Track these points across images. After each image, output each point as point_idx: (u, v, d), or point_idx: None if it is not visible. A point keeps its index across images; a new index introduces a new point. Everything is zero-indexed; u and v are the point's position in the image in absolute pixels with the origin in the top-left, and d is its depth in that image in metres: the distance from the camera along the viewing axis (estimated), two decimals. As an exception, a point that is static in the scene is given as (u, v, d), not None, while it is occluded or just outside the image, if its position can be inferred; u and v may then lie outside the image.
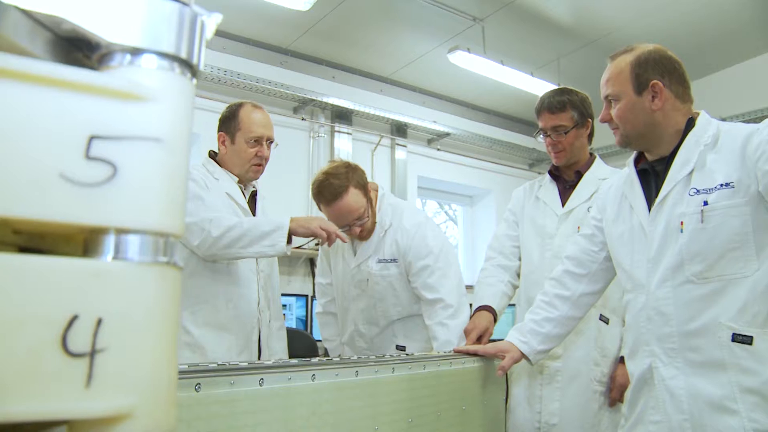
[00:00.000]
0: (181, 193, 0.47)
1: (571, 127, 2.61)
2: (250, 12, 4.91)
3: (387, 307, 2.74)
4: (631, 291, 1.96)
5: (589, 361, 2.57)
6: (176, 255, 0.49)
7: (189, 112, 0.49)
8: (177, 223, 0.48)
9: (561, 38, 5.39)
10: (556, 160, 2.68)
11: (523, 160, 7.27)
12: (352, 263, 2.78)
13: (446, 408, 1.86)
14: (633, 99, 1.89)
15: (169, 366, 0.46)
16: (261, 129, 2.65)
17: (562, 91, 2.69)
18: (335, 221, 2.59)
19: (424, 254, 2.67)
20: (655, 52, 1.91)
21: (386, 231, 2.74)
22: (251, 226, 2.34)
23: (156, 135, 0.45)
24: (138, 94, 0.46)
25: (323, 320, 3.06)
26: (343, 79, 5.95)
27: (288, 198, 5.47)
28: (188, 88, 0.49)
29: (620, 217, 2.04)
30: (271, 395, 1.29)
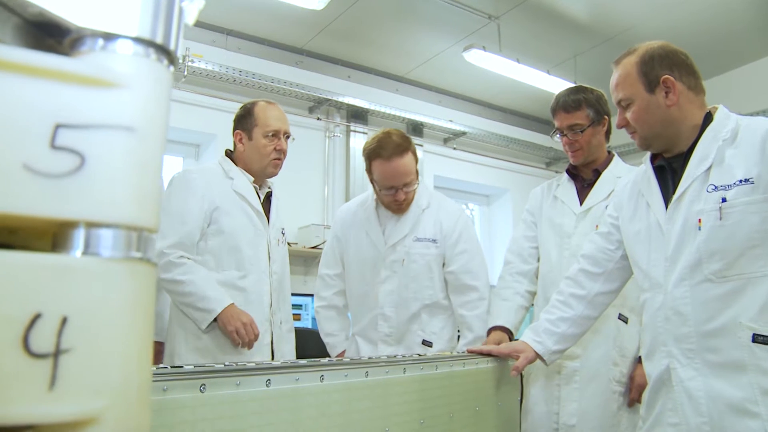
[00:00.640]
0: (155, 185, 0.45)
1: (587, 126, 2.58)
2: (265, 12, 4.92)
3: (420, 288, 2.69)
4: (648, 290, 1.92)
5: (607, 361, 2.53)
6: (151, 250, 0.46)
7: (165, 100, 0.47)
8: (151, 216, 0.45)
9: (577, 36, 5.34)
10: (573, 159, 2.65)
11: (540, 158, 7.21)
12: (383, 243, 2.73)
13: (459, 409, 1.83)
14: (646, 98, 1.85)
15: (142, 368, 0.44)
16: (278, 123, 2.67)
17: (577, 89, 2.65)
18: (387, 180, 2.60)
19: (466, 238, 2.73)
20: (660, 48, 1.87)
21: (423, 211, 2.74)
22: (193, 291, 2.42)
23: (127, 123, 0.43)
24: (108, 80, 0.43)
25: (326, 314, 2.90)
26: (358, 79, 5.94)
27: (303, 197, 5.47)
28: (164, 75, 0.47)
29: (637, 215, 1.99)
30: (279, 396, 1.27)
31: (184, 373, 1.12)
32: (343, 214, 2.97)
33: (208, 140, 5.16)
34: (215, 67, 4.94)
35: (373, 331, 2.73)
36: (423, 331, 2.70)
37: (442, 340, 2.72)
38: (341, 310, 2.90)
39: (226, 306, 2.42)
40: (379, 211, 2.80)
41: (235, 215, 2.58)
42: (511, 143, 6.74)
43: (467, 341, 2.64)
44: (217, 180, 2.62)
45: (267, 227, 2.67)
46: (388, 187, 2.62)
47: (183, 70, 4.76)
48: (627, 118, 1.90)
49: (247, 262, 2.56)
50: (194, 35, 5.01)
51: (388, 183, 2.61)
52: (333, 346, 2.85)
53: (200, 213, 2.52)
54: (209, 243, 2.53)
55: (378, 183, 2.65)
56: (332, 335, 2.86)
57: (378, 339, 2.72)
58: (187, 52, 4.76)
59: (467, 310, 2.68)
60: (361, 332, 2.78)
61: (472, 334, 2.64)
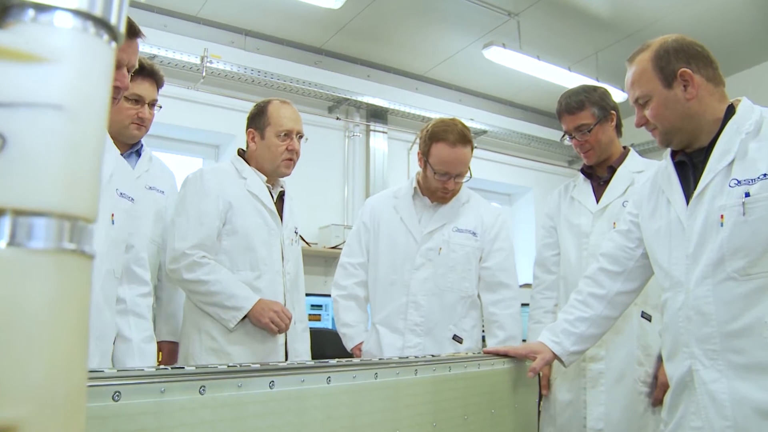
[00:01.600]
0: (92, 170, 0.41)
1: (593, 125, 2.56)
2: (283, 12, 4.91)
3: (458, 279, 2.65)
4: (669, 289, 1.86)
5: (632, 361, 2.48)
6: (87, 242, 0.42)
7: (104, 77, 0.43)
8: (86, 204, 0.41)
9: (598, 32, 5.26)
10: (587, 160, 2.63)
11: (562, 157, 7.12)
12: (420, 231, 2.69)
13: (474, 411, 1.78)
14: (664, 94, 1.80)
15: (72, 373, 0.40)
16: (290, 123, 2.65)
17: (579, 90, 2.66)
18: (445, 165, 2.59)
19: (504, 237, 2.75)
20: (674, 41, 1.82)
21: (463, 204, 2.74)
22: (220, 290, 2.42)
23: (56, 102, 0.39)
24: (38, 54, 0.39)
25: (346, 304, 2.79)
26: (377, 78, 5.92)
27: (323, 197, 5.46)
28: (104, 51, 0.43)
29: (657, 211, 1.94)
30: (283, 398, 1.23)
31: (183, 374, 1.09)
32: (374, 201, 2.95)
33: (228, 141, 5.16)
34: (234, 68, 4.94)
35: (400, 320, 2.65)
36: (455, 326, 2.65)
37: (471, 339, 2.68)
38: (361, 301, 2.82)
39: (255, 302, 2.43)
40: (416, 200, 2.78)
41: (248, 215, 2.57)
42: (532, 141, 6.67)
43: (499, 340, 2.60)
44: (231, 180, 2.61)
45: (280, 227, 2.65)
46: (443, 173, 2.61)
47: (202, 72, 4.76)
48: (646, 115, 1.85)
49: (261, 263, 2.55)
50: (213, 36, 5.02)
51: (445, 168, 2.60)
52: (350, 337, 2.75)
53: (216, 213, 2.52)
54: (224, 243, 2.53)
55: (434, 166, 2.62)
56: (349, 326, 2.77)
57: (406, 328, 2.64)
58: (206, 53, 4.76)
59: (500, 308, 2.65)
60: (385, 321, 2.69)
61: (505, 333, 2.61)
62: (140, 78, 2.59)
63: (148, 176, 2.71)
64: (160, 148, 4.89)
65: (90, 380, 0.97)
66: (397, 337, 2.64)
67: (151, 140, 4.63)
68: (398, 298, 2.67)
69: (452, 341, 2.64)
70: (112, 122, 2.57)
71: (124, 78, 1.66)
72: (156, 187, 2.73)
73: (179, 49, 4.70)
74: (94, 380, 0.97)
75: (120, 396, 0.98)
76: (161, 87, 2.71)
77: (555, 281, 2.73)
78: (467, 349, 2.63)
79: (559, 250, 2.73)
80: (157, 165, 2.82)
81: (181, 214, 2.53)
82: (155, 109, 2.68)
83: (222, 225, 2.53)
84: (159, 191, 2.74)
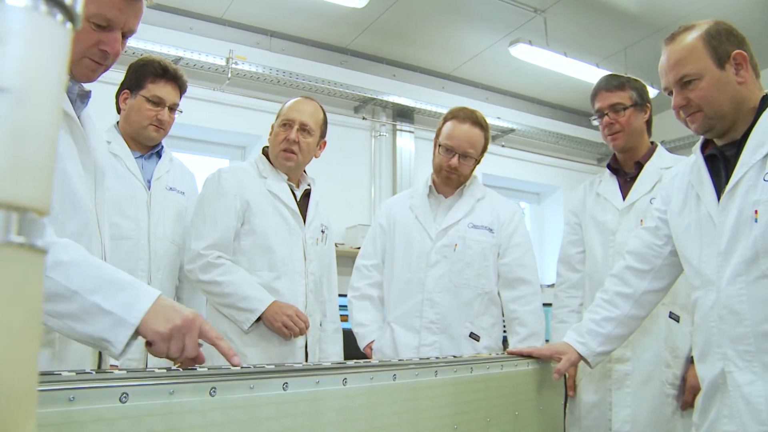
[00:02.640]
0: (42, 158, 0.37)
1: (629, 105, 2.50)
2: (308, 12, 4.92)
3: (474, 276, 2.62)
4: (699, 288, 1.80)
5: (659, 363, 2.42)
6: (38, 236, 0.39)
7: (56, 59, 0.39)
8: (37, 194, 0.38)
9: (627, 27, 5.17)
10: (613, 142, 2.56)
11: (591, 155, 7.03)
12: (435, 228, 2.67)
13: (497, 414, 1.74)
14: (717, 74, 1.71)
15: (16, 376, 0.36)
16: (293, 112, 2.59)
17: (620, 74, 2.63)
18: (450, 139, 2.62)
19: (522, 233, 2.73)
20: (723, 23, 1.76)
21: (478, 200, 2.72)
22: (234, 292, 2.39)
23: (0, 84, 0.36)
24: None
25: (359, 305, 2.80)
26: (403, 77, 5.89)
27: (350, 198, 5.45)
28: (57, 31, 0.39)
29: (686, 207, 1.87)
30: (297, 400, 1.20)
31: (194, 376, 1.07)
32: (390, 202, 2.97)
33: (254, 142, 5.17)
34: (259, 69, 4.95)
35: (415, 318, 2.63)
36: (471, 323, 2.61)
37: (491, 337, 2.64)
38: (375, 301, 2.81)
39: (269, 304, 2.39)
40: (431, 198, 2.77)
41: (267, 215, 2.53)
42: (560, 140, 6.59)
43: (520, 338, 2.56)
44: (250, 179, 2.58)
45: (303, 227, 2.60)
46: (448, 148, 2.62)
47: (227, 73, 4.78)
48: (689, 97, 1.75)
49: (280, 263, 2.51)
50: (238, 37, 5.03)
51: (450, 142, 2.62)
52: (363, 336, 2.75)
53: (233, 213, 2.49)
54: (242, 243, 2.50)
55: (441, 141, 2.66)
56: (363, 325, 2.77)
57: (421, 326, 2.61)
58: (231, 55, 4.78)
59: (520, 305, 2.61)
60: (400, 319, 2.66)
61: (526, 330, 2.56)
62: (162, 81, 2.59)
63: (168, 177, 2.71)
64: (187, 150, 4.92)
65: (96, 381, 0.95)
66: (413, 336, 2.61)
67: (177, 142, 4.68)
68: (414, 296, 2.64)
69: (469, 339, 2.60)
70: (130, 122, 2.58)
71: (116, 42, 1.47)
72: (176, 188, 2.73)
73: (205, 51, 4.72)
74: (101, 381, 0.96)
75: (127, 397, 0.96)
76: (184, 92, 2.71)
77: (580, 280, 2.68)
78: (485, 347, 2.60)
79: (584, 247, 2.67)
80: (177, 166, 2.82)
81: (198, 214, 2.53)
82: (176, 114, 2.69)
83: (240, 225, 2.50)
84: (179, 192, 2.74)
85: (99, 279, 1.19)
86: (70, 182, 1.45)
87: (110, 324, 1.16)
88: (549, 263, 5.71)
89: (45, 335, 1.37)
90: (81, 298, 1.16)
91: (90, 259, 1.24)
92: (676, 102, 1.78)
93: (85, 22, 1.39)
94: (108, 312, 1.16)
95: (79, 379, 0.94)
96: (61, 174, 1.42)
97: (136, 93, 2.58)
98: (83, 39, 1.41)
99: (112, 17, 1.43)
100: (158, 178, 2.65)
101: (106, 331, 1.15)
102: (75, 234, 1.44)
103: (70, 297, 1.15)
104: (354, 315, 2.81)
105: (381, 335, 2.72)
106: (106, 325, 1.15)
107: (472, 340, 2.59)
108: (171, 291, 2.65)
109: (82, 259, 1.22)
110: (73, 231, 1.44)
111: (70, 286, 1.16)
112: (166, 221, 2.63)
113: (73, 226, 1.45)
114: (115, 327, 1.16)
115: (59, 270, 1.16)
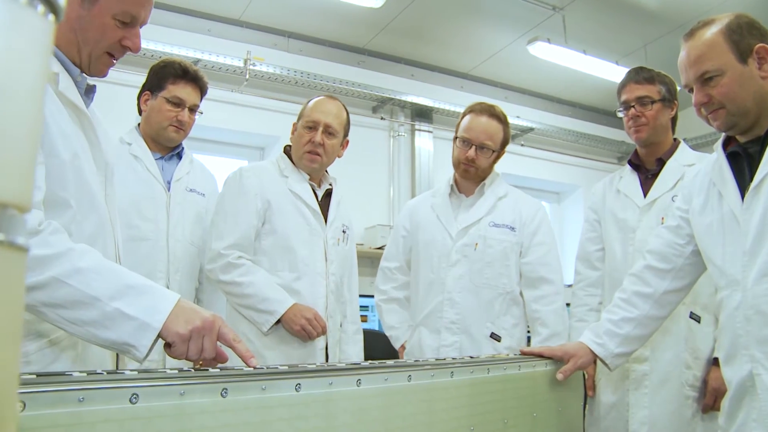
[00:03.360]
0: (21, 152, 0.36)
1: (657, 99, 2.45)
2: (325, 13, 4.92)
3: (495, 275, 2.60)
4: (724, 288, 1.76)
5: (679, 364, 2.38)
6: (19, 232, 0.38)
7: (37, 52, 0.38)
8: (15, 189, 0.37)
9: (646, 23, 5.11)
10: (636, 135, 2.52)
11: (612, 153, 6.96)
12: (455, 227, 2.66)
13: (514, 415, 1.72)
14: (739, 69, 1.67)
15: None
16: (318, 114, 2.56)
17: (650, 68, 2.56)
18: (468, 131, 2.63)
19: (545, 231, 2.70)
20: (744, 17, 1.71)
21: (500, 199, 2.70)
22: (254, 293, 2.38)
23: None
24: None
25: (388, 307, 2.85)
26: (422, 77, 5.88)
27: (369, 198, 5.44)
28: (38, 23, 0.38)
29: (708, 206, 1.83)
30: (310, 401, 1.19)
31: (205, 377, 1.07)
32: (412, 203, 2.98)
33: (272, 143, 5.18)
34: (277, 70, 4.96)
35: (437, 319, 2.62)
36: (493, 323, 2.59)
37: (513, 338, 2.62)
38: (402, 302, 2.83)
39: (289, 307, 2.38)
40: (452, 198, 2.76)
41: (288, 215, 2.51)
42: (580, 138, 6.54)
43: (542, 338, 2.54)
44: (271, 178, 2.57)
45: (324, 227, 2.58)
46: (465, 140, 2.63)
47: (245, 74, 4.79)
48: (711, 94, 1.72)
49: (301, 263, 2.49)
50: (255, 39, 5.05)
51: (466, 134, 2.63)
52: (396, 339, 2.80)
53: (254, 212, 2.47)
54: (263, 243, 2.49)
55: (458, 134, 2.67)
56: (394, 328, 2.80)
57: (442, 326, 2.61)
58: (249, 56, 4.79)
59: (542, 304, 2.59)
60: (425, 321, 2.67)
61: (548, 330, 2.54)
62: (183, 82, 2.60)
63: (188, 179, 2.71)
64: (206, 151, 4.94)
65: (106, 382, 0.95)
66: (434, 337, 2.61)
67: (196, 143, 4.70)
68: (436, 296, 2.64)
69: (490, 339, 2.58)
70: (150, 123, 2.59)
71: (137, 38, 1.51)
72: (196, 189, 2.74)
73: (223, 52, 4.74)
74: (111, 382, 0.95)
75: (137, 398, 0.96)
76: (204, 93, 2.71)
77: (599, 278, 2.64)
78: (507, 347, 2.57)
79: (603, 245, 2.63)
80: (197, 168, 2.82)
81: (219, 213, 2.52)
82: (196, 115, 2.69)
83: (261, 224, 2.49)
84: (200, 194, 2.74)
85: (119, 284, 1.20)
86: (86, 181, 1.43)
87: (134, 329, 1.17)
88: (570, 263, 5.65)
89: (68, 338, 1.38)
90: (102, 304, 1.17)
91: (107, 265, 1.25)
92: (697, 99, 1.75)
93: (111, 19, 1.43)
94: (131, 317, 1.17)
95: (89, 379, 0.94)
96: (78, 172, 1.40)
97: (156, 94, 2.59)
98: (109, 36, 1.44)
99: (135, 13, 1.46)
100: (178, 180, 2.66)
101: (130, 336, 1.17)
102: (93, 234, 1.43)
103: (91, 303, 1.17)
104: (384, 318, 2.85)
105: (410, 338, 2.73)
106: (130, 330, 1.17)
107: (493, 340, 2.57)
108: (190, 293, 2.65)
109: (100, 265, 1.23)
110: (91, 231, 1.43)
111: (91, 293, 1.17)
112: (185, 223, 2.63)
113: (91, 226, 1.44)
114: (139, 331, 1.17)
115: (78, 277, 1.17)
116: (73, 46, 1.45)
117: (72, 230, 1.35)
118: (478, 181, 2.71)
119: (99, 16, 1.42)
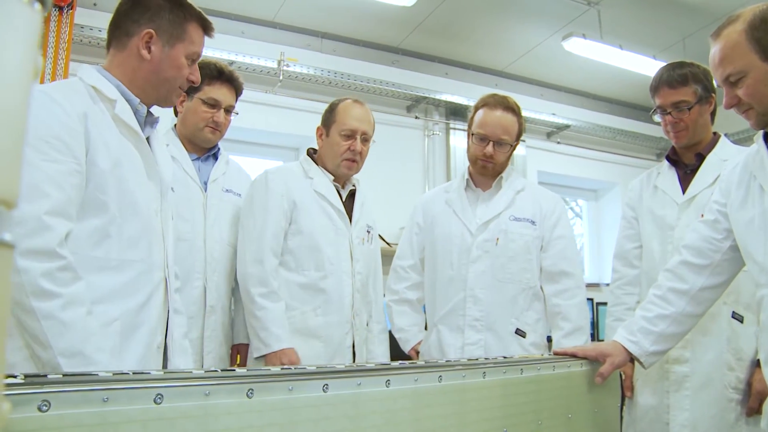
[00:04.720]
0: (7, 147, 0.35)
1: (694, 103, 2.37)
2: (358, 13, 4.91)
3: (518, 270, 2.57)
4: (765, 285, 1.71)
5: (721, 365, 2.30)
6: (4, 228, 0.36)
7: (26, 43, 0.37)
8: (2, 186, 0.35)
9: (685, 16, 4.99)
10: (676, 140, 2.44)
11: (650, 150, 6.83)
12: (475, 223, 2.62)
13: (548, 416, 1.69)
14: (763, 68, 1.62)
15: None
16: (355, 122, 2.61)
17: (682, 64, 2.44)
18: (483, 127, 2.59)
19: (564, 224, 2.68)
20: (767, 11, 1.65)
21: (518, 193, 2.66)
22: (261, 318, 2.41)
23: None
24: None
25: (399, 309, 2.81)
26: (456, 75, 5.84)
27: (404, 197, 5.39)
28: (23, 12, 0.37)
29: (748, 200, 1.78)
30: (338, 402, 1.18)
31: (230, 377, 1.06)
32: (425, 199, 2.92)
33: (307, 143, 5.15)
34: (311, 71, 4.98)
35: (459, 317, 2.58)
36: (517, 319, 2.56)
37: (536, 333, 2.59)
38: (414, 304, 2.81)
39: (282, 348, 2.39)
40: (469, 192, 2.72)
41: (314, 215, 2.55)
42: (618, 135, 6.43)
43: (564, 333, 2.50)
44: (296, 179, 2.61)
45: (349, 226, 2.62)
46: (481, 137, 2.59)
47: (279, 75, 4.81)
48: (738, 95, 1.68)
49: (327, 263, 2.52)
50: (288, 40, 5.06)
51: (483, 130, 2.58)
52: (405, 341, 2.77)
53: (281, 213, 2.51)
54: (289, 243, 2.52)
55: (474, 130, 2.62)
56: (404, 330, 2.78)
57: (465, 324, 2.56)
58: (282, 57, 4.81)
59: (564, 299, 2.55)
60: (445, 319, 2.62)
61: (570, 324, 2.50)
62: (218, 83, 2.62)
63: (224, 179, 2.73)
64: (242, 152, 4.97)
65: (131, 382, 0.95)
66: (457, 335, 2.57)
67: (232, 144, 4.73)
68: (457, 294, 2.60)
69: (515, 336, 2.54)
70: (187, 124, 2.62)
71: (198, 72, 1.82)
72: (233, 189, 2.75)
73: (256, 54, 4.77)
74: (135, 382, 0.95)
75: (162, 399, 0.95)
76: (240, 94, 2.73)
77: (637, 276, 2.59)
78: (532, 343, 2.55)
79: (641, 242, 2.57)
80: (233, 168, 2.84)
81: (248, 216, 2.55)
82: (231, 116, 2.70)
83: (288, 225, 2.52)
84: (236, 194, 2.76)
85: (75, 347, 1.44)
86: (128, 189, 1.64)
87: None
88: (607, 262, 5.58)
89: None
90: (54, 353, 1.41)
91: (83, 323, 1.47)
92: (727, 101, 1.72)
93: (184, 59, 1.76)
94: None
95: (113, 379, 0.94)
96: (119, 180, 1.62)
97: (192, 95, 2.61)
98: (183, 73, 1.77)
99: (200, 52, 1.81)
100: (214, 180, 2.67)
101: None
102: (133, 237, 1.63)
103: (44, 348, 1.42)
104: (394, 320, 2.81)
105: (427, 337, 2.69)
106: None
107: (519, 336, 2.53)
108: (227, 293, 2.66)
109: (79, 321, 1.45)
110: (131, 234, 1.63)
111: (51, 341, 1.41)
112: (222, 223, 2.65)
113: (132, 230, 1.63)
114: None
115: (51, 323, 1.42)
116: (150, 84, 1.74)
117: (111, 231, 1.58)
118: (494, 176, 2.68)
119: (176, 57, 1.74)
